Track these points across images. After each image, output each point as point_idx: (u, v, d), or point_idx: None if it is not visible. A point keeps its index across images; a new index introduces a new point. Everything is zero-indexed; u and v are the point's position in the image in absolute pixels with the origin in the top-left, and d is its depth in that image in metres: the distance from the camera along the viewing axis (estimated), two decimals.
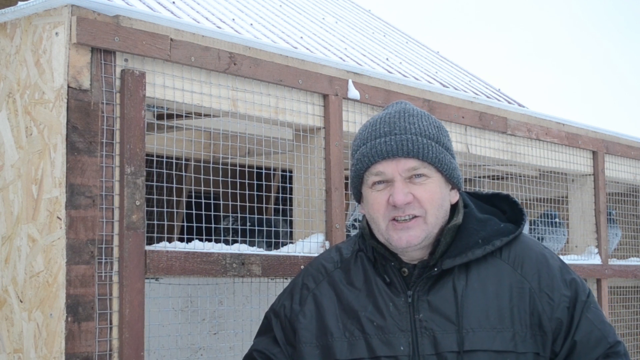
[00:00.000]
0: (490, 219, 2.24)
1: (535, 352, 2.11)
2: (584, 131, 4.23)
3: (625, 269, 4.42)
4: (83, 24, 2.28)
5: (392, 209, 2.13)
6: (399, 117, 2.19)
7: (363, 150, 2.18)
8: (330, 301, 2.25)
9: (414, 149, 2.13)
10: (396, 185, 2.13)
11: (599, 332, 2.16)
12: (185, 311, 3.34)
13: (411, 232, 2.13)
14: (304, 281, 2.32)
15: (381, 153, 2.14)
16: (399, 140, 2.14)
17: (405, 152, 2.13)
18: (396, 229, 2.14)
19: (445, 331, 2.11)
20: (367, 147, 2.17)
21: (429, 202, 2.14)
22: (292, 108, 2.87)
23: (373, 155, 2.15)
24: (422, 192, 2.14)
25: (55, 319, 2.23)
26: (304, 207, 2.96)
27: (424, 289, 2.16)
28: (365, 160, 2.17)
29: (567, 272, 2.21)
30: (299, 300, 2.29)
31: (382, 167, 2.15)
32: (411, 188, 2.14)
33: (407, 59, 7.37)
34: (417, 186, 2.14)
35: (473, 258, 2.16)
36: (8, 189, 2.41)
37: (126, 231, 2.33)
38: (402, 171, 2.14)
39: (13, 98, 2.43)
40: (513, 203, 2.30)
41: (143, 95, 2.40)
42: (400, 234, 2.13)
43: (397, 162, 2.13)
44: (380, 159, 2.14)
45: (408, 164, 2.14)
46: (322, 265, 2.33)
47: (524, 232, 2.28)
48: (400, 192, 2.12)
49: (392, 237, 2.14)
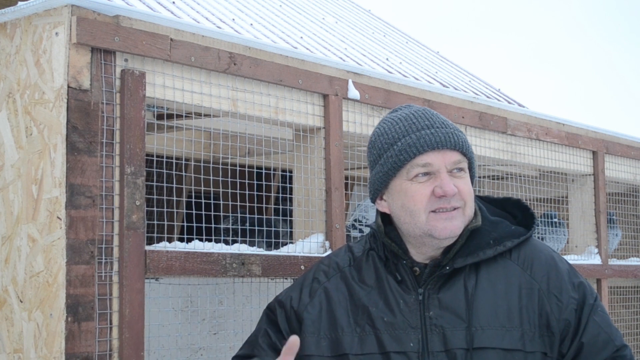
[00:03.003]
0: (502, 221, 2.26)
1: (542, 352, 2.12)
2: (584, 131, 4.23)
3: (625, 269, 4.42)
4: (83, 24, 2.28)
5: (435, 200, 2.14)
6: (431, 113, 2.22)
7: (407, 141, 2.17)
8: (341, 296, 2.25)
9: (459, 142, 2.17)
10: (444, 177, 2.14)
11: (605, 335, 2.16)
12: (185, 311, 3.34)
13: (454, 222, 2.15)
14: (315, 275, 2.32)
15: (430, 144, 2.15)
16: (444, 132, 2.16)
17: (452, 145, 2.16)
18: (440, 219, 2.14)
19: (455, 328, 2.12)
20: (412, 138, 2.17)
21: (468, 195, 2.18)
22: (292, 108, 2.87)
23: (422, 145, 2.15)
24: (462, 185, 2.17)
25: (55, 319, 2.23)
26: (304, 207, 2.95)
27: (435, 287, 2.17)
28: (411, 151, 2.16)
29: (575, 276, 2.22)
30: (309, 292, 2.29)
31: (430, 158, 2.15)
32: (453, 181, 2.16)
33: (407, 59, 7.37)
34: (457, 179, 2.17)
35: (484, 258, 2.17)
36: (8, 189, 2.41)
37: (126, 231, 2.33)
38: (448, 163, 2.15)
39: (13, 98, 2.43)
40: (524, 208, 2.32)
41: (143, 95, 2.40)
42: (445, 223, 2.14)
43: (443, 153, 2.15)
44: (429, 150, 2.15)
45: (454, 156, 2.16)
46: (334, 262, 2.33)
47: (534, 236, 2.29)
48: (449, 183, 2.14)
49: (436, 227, 2.14)
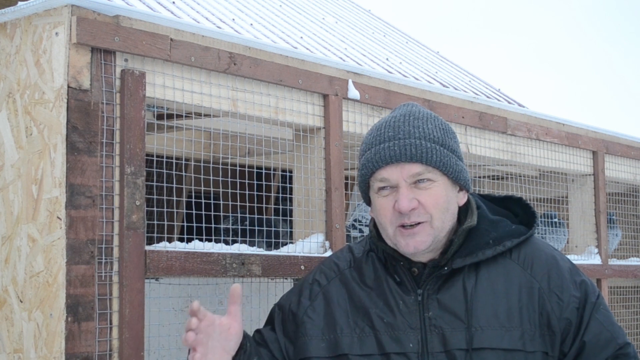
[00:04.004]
0: (502, 220, 2.24)
1: (543, 352, 2.11)
2: (584, 131, 4.23)
3: (625, 269, 4.42)
4: (83, 24, 2.28)
5: (398, 215, 2.12)
6: (403, 120, 2.17)
7: (368, 156, 2.16)
8: (341, 298, 2.24)
9: (417, 154, 2.11)
10: (401, 192, 2.11)
11: (608, 333, 2.15)
12: (185, 311, 3.33)
13: (417, 237, 2.12)
14: (315, 277, 2.32)
15: (384, 158, 2.12)
16: (402, 145, 2.12)
17: (408, 157, 2.11)
18: (403, 235, 2.13)
19: (455, 329, 2.11)
20: (372, 153, 2.15)
21: (434, 207, 2.12)
22: (292, 108, 2.87)
23: (377, 160, 2.13)
24: (426, 198, 2.12)
25: (55, 319, 2.22)
26: (304, 207, 2.95)
27: (434, 287, 2.16)
28: (369, 166, 2.15)
29: (577, 274, 2.21)
30: (309, 295, 2.28)
31: (387, 173, 2.13)
32: (416, 193, 2.12)
33: (407, 59, 7.37)
34: (422, 191, 2.12)
35: (483, 258, 2.16)
36: (8, 189, 2.41)
37: (126, 231, 2.33)
38: (406, 177, 2.11)
39: (13, 98, 2.43)
40: (525, 206, 2.30)
41: (143, 95, 2.40)
42: (407, 240, 2.12)
43: (401, 167, 2.11)
44: (384, 165, 2.12)
45: (412, 169, 2.11)
46: (334, 264, 2.33)
47: (535, 235, 2.28)
48: (404, 198, 2.10)
49: (400, 242, 2.13)
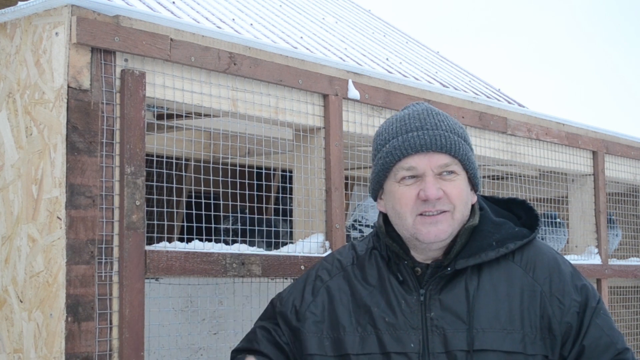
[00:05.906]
0: (505, 222, 2.25)
1: (544, 355, 2.11)
2: (584, 131, 4.23)
3: (625, 269, 4.42)
4: (83, 24, 2.28)
5: (420, 203, 2.13)
6: (427, 114, 2.19)
7: (394, 144, 2.16)
8: (343, 295, 2.25)
9: (447, 145, 2.13)
10: (428, 180, 2.12)
11: (607, 338, 2.15)
12: (185, 311, 3.34)
13: (440, 226, 2.13)
14: (318, 273, 2.32)
15: (414, 146, 2.13)
16: (431, 135, 2.14)
17: (438, 147, 2.13)
18: (425, 223, 2.13)
19: (456, 330, 2.12)
20: (399, 141, 2.15)
21: (458, 198, 2.15)
22: (292, 108, 2.87)
23: (406, 148, 2.13)
24: (451, 188, 2.14)
25: (55, 319, 2.22)
26: (304, 207, 2.95)
27: (437, 288, 2.17)
28: (396, 153, 2.15)
29: (578, 278, 2.21)
30: (312, 290, 2.29)
31: (414, 162, 2.14)
32: (441, 184, 2.13)
33: (407, 59, 7.38)
34: (446, 182, 2.14)
35: (486, 260, 2.16)
36: (8, 189, 2.41)
37: (126, 231, 2.32)
38: (434, 166, 2.13)
39: (13, 98, 2.43)
40: (529, 209, 2.30)
41: (143, 95, 2.40)
42: (429, 227, 2.13)
43: (429, 157, 2.13)
44: (413, 152, 2.13)
45: (441, 159, 2.13)
46: (337, 260, 2.33)
47: (538, 238, 2.28)
48: (432, 186, 2.11)
49: (421, 231, 2.13)
